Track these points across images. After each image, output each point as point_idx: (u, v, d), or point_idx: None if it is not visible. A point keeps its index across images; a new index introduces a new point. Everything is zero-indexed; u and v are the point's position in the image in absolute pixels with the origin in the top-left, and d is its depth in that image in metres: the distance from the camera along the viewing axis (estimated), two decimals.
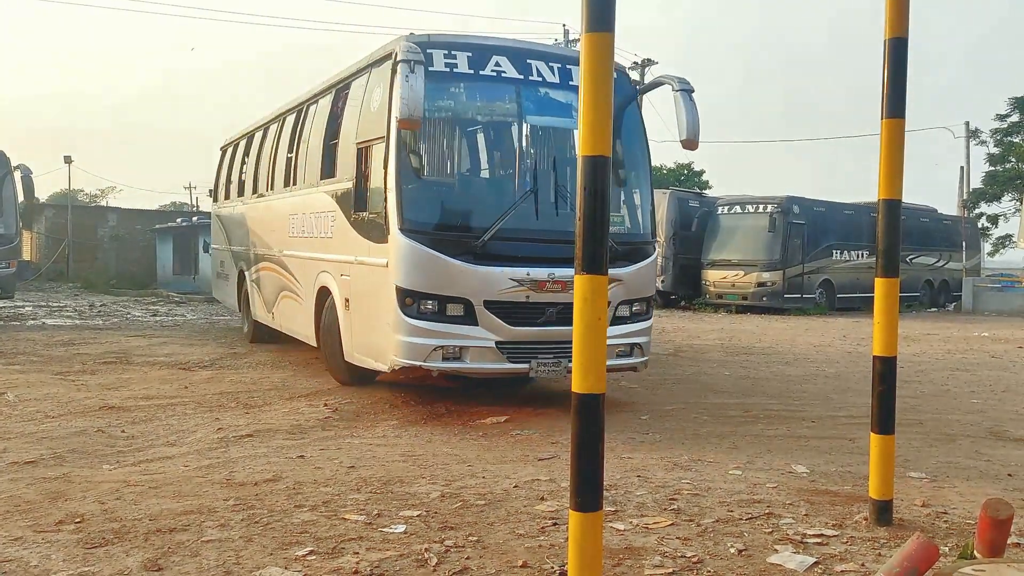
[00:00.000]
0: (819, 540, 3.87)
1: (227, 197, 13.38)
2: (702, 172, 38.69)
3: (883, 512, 4.10)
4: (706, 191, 32.00)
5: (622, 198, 7.91)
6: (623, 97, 7.61)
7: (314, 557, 3.53)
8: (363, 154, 7.47)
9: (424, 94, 6.31)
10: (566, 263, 5.56)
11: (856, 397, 8.26)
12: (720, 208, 22.80)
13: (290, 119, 10.31)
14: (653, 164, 8.91)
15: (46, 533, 3.78)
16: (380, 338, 7.02)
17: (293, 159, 9.79)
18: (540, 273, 6.77)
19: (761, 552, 3.70)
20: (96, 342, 11.84)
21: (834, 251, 22.68)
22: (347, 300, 7.71)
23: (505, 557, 3.57)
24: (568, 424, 6.42)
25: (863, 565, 3.55)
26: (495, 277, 6.72)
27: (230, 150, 13.72)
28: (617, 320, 7.15)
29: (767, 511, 4.32)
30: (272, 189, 10.72)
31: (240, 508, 4.20)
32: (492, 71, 7.16)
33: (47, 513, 4.08)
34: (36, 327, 14.22)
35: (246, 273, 11.78)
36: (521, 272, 6.74)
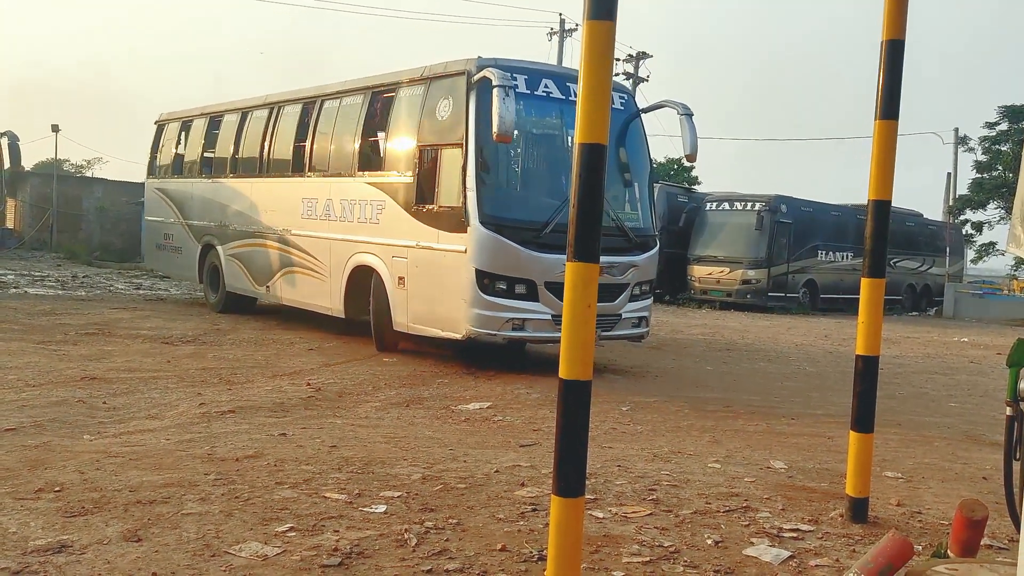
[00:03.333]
0: (795, 534, 3.92)
1: (179, 174, 13.93)
2: (691, 167, 38.75)
3: (859, 509, 4.15)
4: (695, 187, 32.07)
5: (636, 198, 9.38)
6: (630, 114, 9.28)
7: (294, 534, 3.54)
8: (427, 155, 8.72)
9: (516, 112, 7.77)
10: (606, 251, 7.11)
11: (836, 396, 8.34)
12: (708, 204, 22.86)
13: (290, 109, 11.26)
14: None
15: (25, 500, 3.77)
16: (448, 311, 8.39)
17: (307, 148, 10.73)
18: None
19: (737, 544, 3.74)
20: (78, 313, 11.75)
21: (819, 251, 22.80)
22: (401, 278, 8.89)
23: (484, 540, 3.59)
24: (549, 413, 6.52)
25: (837, 560, 3.60)
26: (553, 262, 7.96)
27: (175, 127, 14.26)
28: (633, 298, 8.80)
29: (744, 504, 4.36)
30: (268, 173, 11.59)
31: (221, 483, 4.20)
32: (543, 92, 8.66)
33: (26, 481, 4.06)
34: (18, 296, 14.09)
35: (218, 248, 12.42)
36: None
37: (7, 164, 15.70)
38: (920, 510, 4.47)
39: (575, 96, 7.59)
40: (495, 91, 7.61)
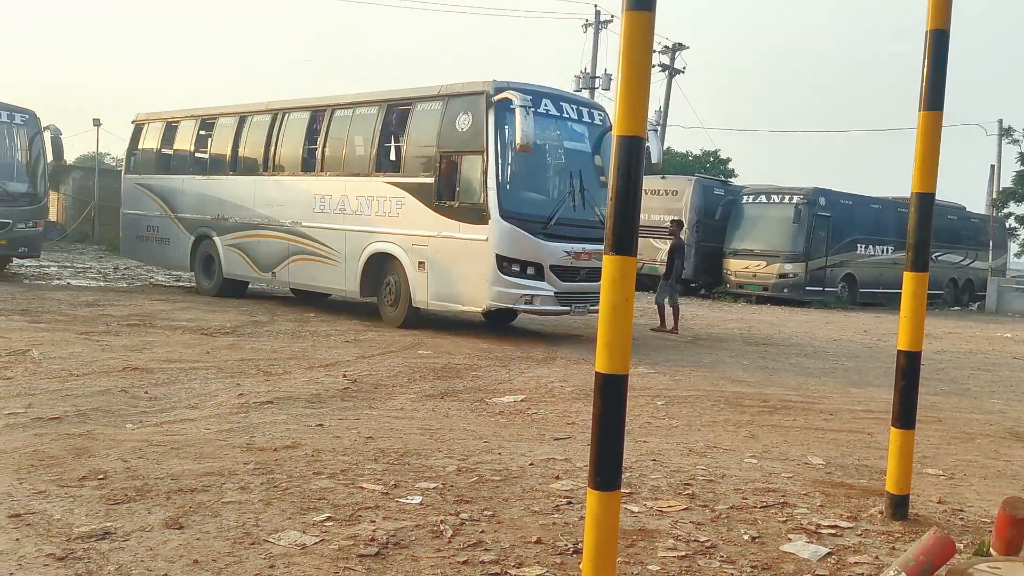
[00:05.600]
0: (833, 531, 3.88)
1: (165, 171, 15.08)
2: (728, 160, 38.28)
3: (899, 506, 4.09)
4: (731, 179, 31.73)
5: None
6: (606, 127, 11.06)
7: (332, 523, 3.58)
8: (447, 159, 10.38)
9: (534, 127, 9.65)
10: (593, 241, 10.23)
11: (875, 392, 8.22)
12: (745, 197, 22.61)
13: (298, 116, 12.79)
14: (681, 150, 12.44)
15: (70, 488, 3.85)
16: (470, 289, 10.20)
17: (319, 150, 12.24)
18: (578, 247, 10.33)
19: (774, 540, 3.71)
20: (120, 304, 11.97)
21: (859, 245, 22.45)
22: (421, 263, 10.58)
23: (519, 532, 3.60)
24: (583, 406, 6.51)
25: (877, 558, 3.55)
26: (555, 249, 10.18)
27: (157, 127, 15.41)
28: None
29: (782, 500, 4.32)
30: (274, 171, 13.04)
31: (260, 472, 4.26)
32: (544, 109, 10.49)
33: (71, 468, 4.15)
34: (61, 287, 14.40)
35: (215, 239, 13.73)
36: (569, 246, 10.27)
37: (50, 158, 15.94)
38: (962, 508, 4.40)
39: (565, 114, 11.15)
40: (518, 110, 9.45)
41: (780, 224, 21.27)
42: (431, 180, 10.49)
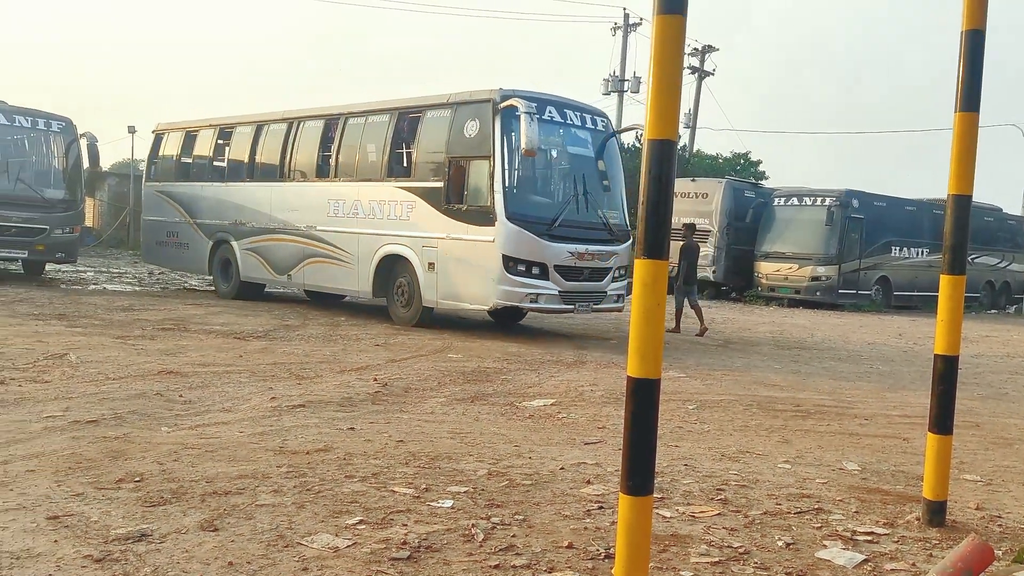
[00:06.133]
0: (869, 538, 3.82)
1: (184, 178, 15.70)
2: (759, 162, 37.92)
3: (936, 513, 4.02)
4: (762, 181, 31.46)
5: (616, 201, 11.72)
6: (608, 134, 11.78)
7: (364, 527, 3.60)
8: (455, 164, 10.84)
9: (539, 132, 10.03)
10: (595, 242, 10.97)
11: (911, 396, 8.10)
12: (776, 199, 22.40)
13: (312, 124, 13.28)
14: (710, 152, 12.46)
15: (107, 490, 3.91)
16: (477, 288, 10.61)
17: (333, 157, 12.74)
18: (581, 248, 10.72)
19: (809, 546, 3.66)
20: (155, 309, 12.15)
21: (893, 247, 22.14)
22: (431, 264, 11.01)
23: (551, 537, 3.60)
24: (614, 411, 6.48)
25: (914, 565, 3.49)
26: (560, 250, 10.54)
27: (177, 136, 15.99)
28: (614, 279, 11.27)
29: (816, 506, 4.27)
30: (289, 178, 13.53)
31: (292, 475, 4.29)
32: (548, 116, 10.85)
33: (108, 471, 4.21)
34: (97, 292, 14.66)
35: (233, 244, 14.22)
36: (572, 247, 10.63)
37: (87, 164, 16.23)
38: (1000, 514, 4.31)
39: (569, 120, 11.52)
40: (523, 116, 9.81)
41: (812, 226, 21.04)
42: (440, 184, 10.92)
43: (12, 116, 15.40)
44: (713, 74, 32.84)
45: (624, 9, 31.18)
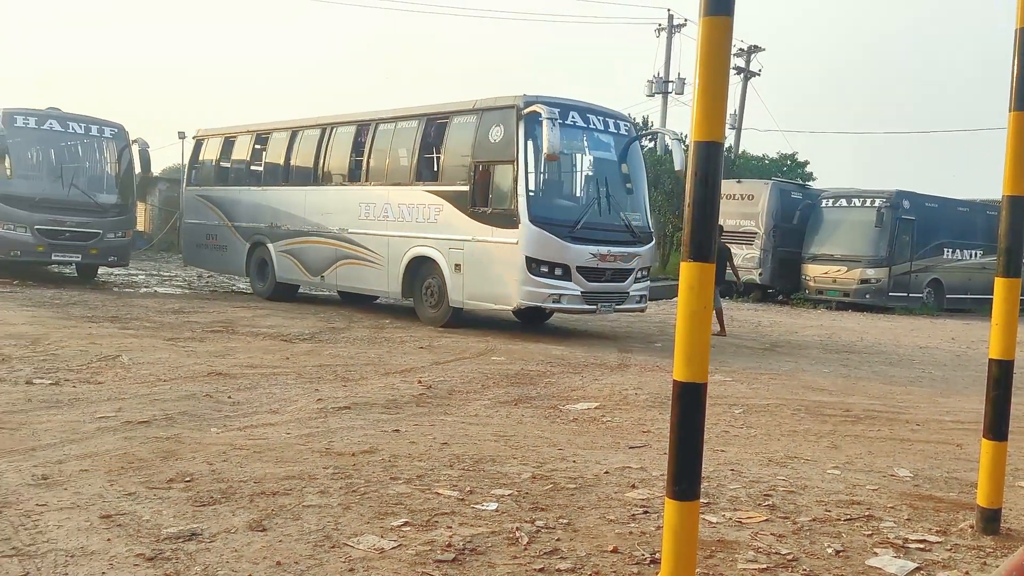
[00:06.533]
0: (921, 545, 3.73)
1: (223, 183, 16.15)
2: (806, 163, 37.32)
3: (991, 520, 3.92)
4: (809, 183, 30.99)
5: (638, 203, 12.04)
6: (631, 138, 12.04)
7: (409, 528, 3.62)
8: (481, 168, 11.14)
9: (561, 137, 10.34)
10: (617, 244, 11.25)
11: (964, 401, 7.90)
12: (824, 200, 22.04)
13: (345, 129, 13.66)
14: (756, 153, 12.67)
15: (158, 490, 3.99)
16: (501, 289, 10.93)
17: (364, 161, 13.12)
18: (603, 250, 11.00)
19: (859, 554, 3.59)
20: (204, 311, 12.38)
21: (945, 249, 21.65)
22: (457, 265, 11.33)
23: (596, 541, 3.58)
24: (658, 415, 6.43)
25: (967, 573, 3.40)
26: (582, 251, 10.81)
27: (216, 142, 16.47)
28: (636, 280, 11.53)
29: (867, 513, 4.18)
30: (323, 182, 13.93)
31: (339, 476, 4.33)
32: (571, 121, 11.17)
33: (159, 471, 4.30)
34: (148, 294, 14.99)
35: (269, 246, 14.67)
36: (594, 248, 10.91)
37: (138, 170, 16.61)
38: None
39: (592, 125, 11.86)
40: (545, 121, 10.10)
41: (862, 228, 20.66)
42: (467, 188, 11.23)
43: (66, 123, 15.83)
44: (759, 74, 32.47)
45: (668, 10, 30.96)
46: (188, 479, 4.17)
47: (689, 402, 2.45)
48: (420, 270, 12.04)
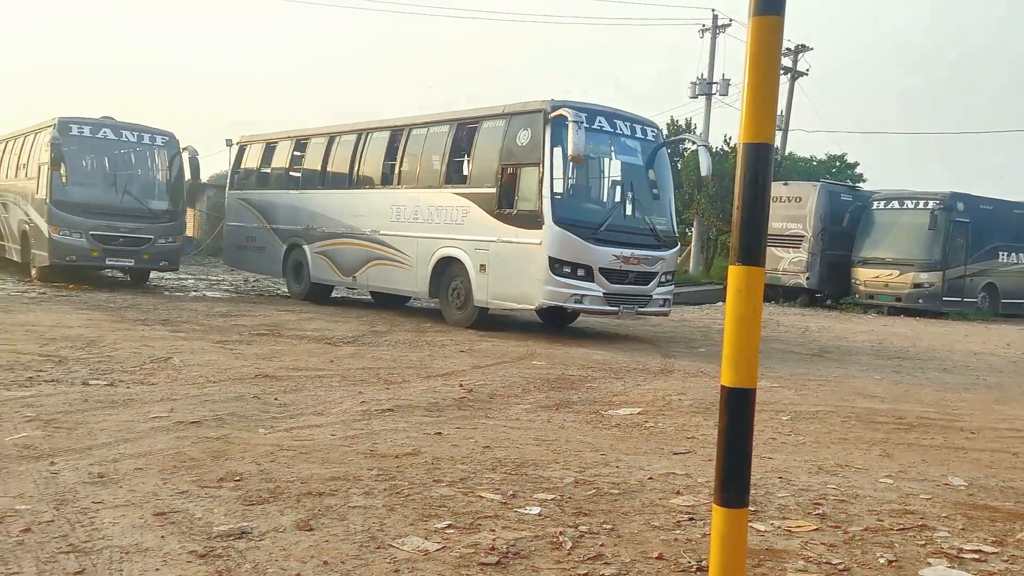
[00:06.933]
0: (976, 556, 3.63)
1: (263, 186, 16.71)
2: (855, 164, 36.62)
3: None
4: (859, 185, 30.43)
5: (664, 208, 12.18)
6: (658, 143, 12.19)
7: (452, 531, 3.63)
8: (507, 171, 11.40)
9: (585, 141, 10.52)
10: (641, 247, 11.35)
11: (1020, 409, 7.69)
12: (875, 203, 21.61)
13: (379, 135, 14.05)
14: (804, 155, 12.68)
15: (209, 488, 4.06)
16: (524, 288, 11.09)
17: (397, 165, 13.49)
18: (627, 252, 11.11)
19: (913, 564, 3.50)
20: (251, 315, 12.58)
21: (1000, 253, 21.08)
22: (482, 266, 11.58)
23: (640, 547, 3.55)
24: (703, 420, 6.37)
25: None
26: (605, 253, 10.96)
27: (257, 148, 17.07)
28: (660, 284, 11.61)
29: (920, 523, 4.08)
30: (356, 185, 14.36)
31: (383, 478, 4.36)
32: (597, 125, 11.32)
33: (209, 470, 4.37)
34: (198, 298, 15.29)
35: (305, 248, 15.11)
36: (617, 251, 11.03)
37: (188, 176, 16.94)
38: None
39: (618, 130, 12.06)
40: (571, 125, 10.29)
41: (914, 231, 20.22)
42: (493, 190, 11.51)
43: (119, 131, 16.21)
44: (806, 74, 32.00)
45: (713, 10, 30.58)
46: (238, 478, 4.23)
47: (737, 408, 2.42)
48: (447, 271, 12.31)
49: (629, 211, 11.72)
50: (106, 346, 8.59)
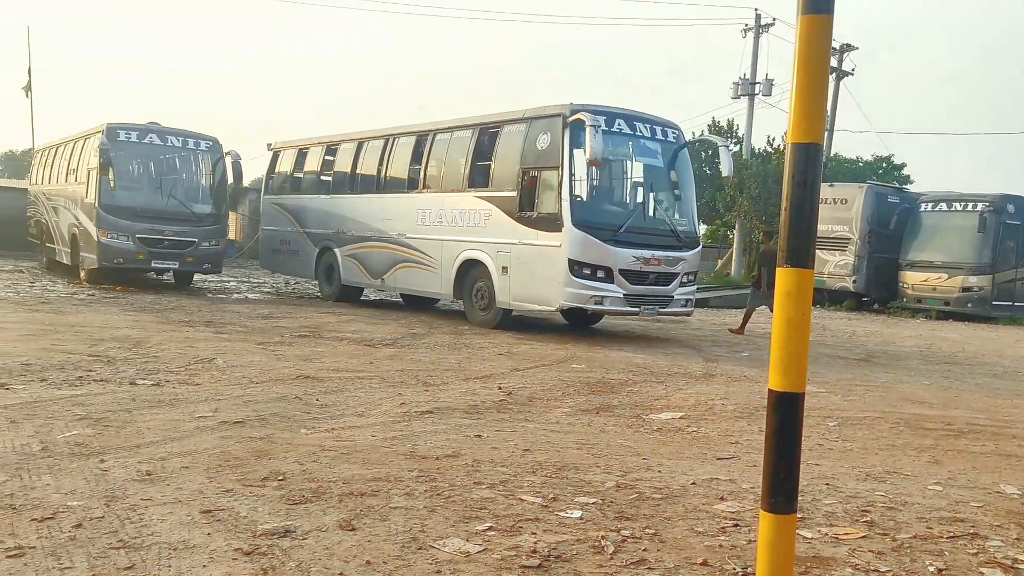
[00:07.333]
0: None
1: (296, 191, 17.12)
2: (903, 166, 35.99)
3: None
4: (907, 186, 29.86)
5: (685, 209, 12.18)
6: (680, 145, 12.19)
7: (493, 533, 3.62)
8: (528, 175, 11.53)
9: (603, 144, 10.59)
10: (662, 248, 11.44)
11: None
12: (924, 205, 21.19)
13: (405, 140, 14.29)
14: (850, 156, 12.54)
15: (253, 487, 4.11)
16: (545, 290, 11.23)
17: (422, 169, 13.71)
18: (647, 253, 11.21)
19: (964, 574, 3.41)
20: (291, 317, 12.73)
21: None
22: (504, 268, 11.78)
23: (684, 553, 3.50)
24: (747, 425, 6.29)
25: None
26: (625, 255, 11.05)
27: (290, 153, 17.40)
28: (682, 284, 11.70)
29: (971, 531, 3.98)
30: (384, 190, 14.61)
31: (423, 480, 4.37)
32: (616, 129, 11.44)
33: (253, 469, 4.43)
34: (240, 300, 15.51)
35: (336, 250, 15.45)
36: (637, 252, 11.13)
37: (231, 181, 17.21)
38: None
39: (638, 132, 12.13)
40: (588, 129, 10.39)
41: (963, 233, 19.79)
42: (514, 193, 11.66)
43: (165, 136, 16.53)
44: (852, 74, 31.47)
45: (756, 10, 30.21)
46: (281, 478, 4.27)
47: (785, 412, 2.38)
48: (470, 273, 12.52)
49: (649, 213, 11.85)
50: (152, 347, 8.75)
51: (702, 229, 39.02)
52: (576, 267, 10.85)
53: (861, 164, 34.30)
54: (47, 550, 3.20)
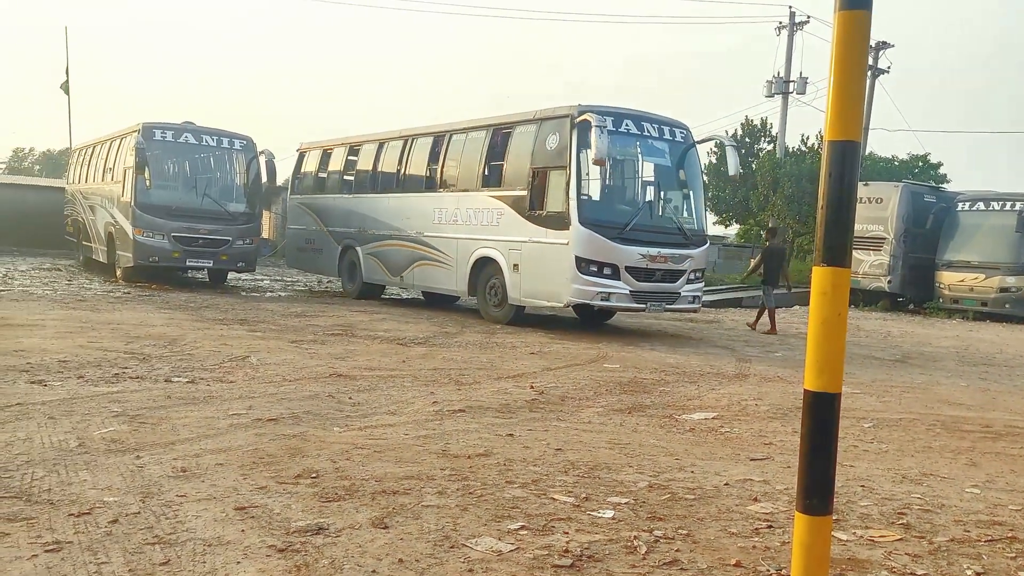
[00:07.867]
0: None
1: (320, 191, 17.53)
2: (939, 165, 35.38)
3: None
4: (943, 186, 29.36)
5: (692, 207, 12.51)
6: (688, 144, 12.38)
7: (525, 532, 3.62)
8: (537, 174, 11.83)
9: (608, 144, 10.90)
10: (668, 245, 11.65)
11: None
12: (960, 204, 20.81)
13: (423, 141, 14.66)
14: (885, 155, 12.45)
15: (286, 485, 4.15)
16: (553, 287, 11.54)
17: (439, 169, 14.06)
18: (654, 251, 11.45)
19: None
20: (324, 315, 12.83)
21: None
22: (515, 265, 12.12)
23: (717, 554, 3.48)
24: (780, 426, 6.23)
25: None
26: (631, 252, 11.31)
27: (316, 154, 17.85)
28: (689, 281, 11.91)
29: (1010, 534, 3.90)
30: (403, 189, 14.99)
31: (455, 478, 4.39)
32: (624, 129, 11.68)
33: (287, 467, 4.47)
34: (273, 299, 15.66)
35: (357, 249, 15.85)
36: (644, 250, 11.37)
37: (265, 180, 17.38)
38: None
39: (646, 132, 12.41)
40: (593, 129, 10.72)
41: (1001, 233, 19.41)
42: (525, 193, 11.98)
43: (200, 136, 16.74)
44: (888, 72, 31.00)
45: (790, 7, 29.89)
46: (314, 475, 4.31)
47: (821, 413, 2.36)
48: (484, 270, 12.84)
49: (656, 211, 12.12)
50: (187, 344, 8.87)
51: (734, 228, 38.77)
52: (583, 264, 11.11)
53: (897, 163, 33.78)
54: (84, 545, 3.25)
